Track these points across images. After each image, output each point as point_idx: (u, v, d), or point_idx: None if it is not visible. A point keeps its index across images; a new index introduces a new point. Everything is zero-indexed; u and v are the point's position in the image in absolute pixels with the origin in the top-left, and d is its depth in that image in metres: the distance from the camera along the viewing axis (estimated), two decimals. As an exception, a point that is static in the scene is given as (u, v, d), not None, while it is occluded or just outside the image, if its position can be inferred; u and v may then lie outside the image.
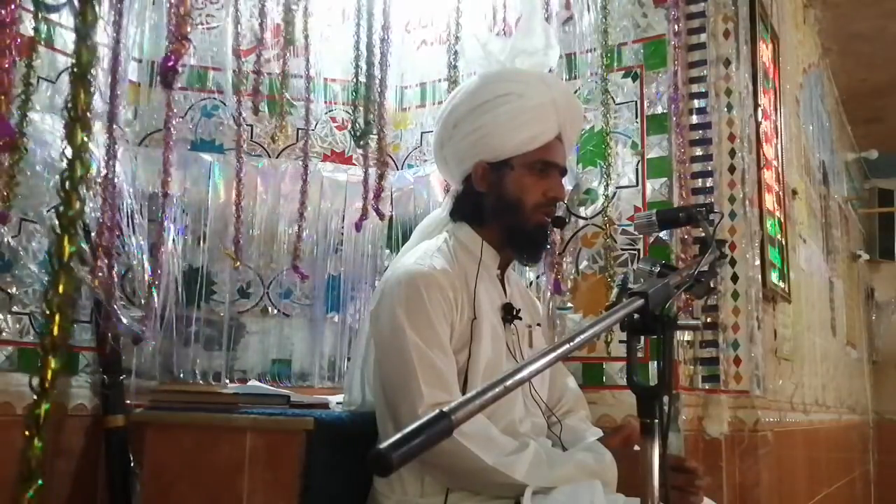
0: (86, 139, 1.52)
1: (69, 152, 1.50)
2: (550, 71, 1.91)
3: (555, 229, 2.11)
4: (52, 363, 1.45)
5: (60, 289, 1.46)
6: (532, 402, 1.70)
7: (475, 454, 1.45)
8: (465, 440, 1.43)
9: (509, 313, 1.69)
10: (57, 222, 1.49)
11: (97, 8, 1.55)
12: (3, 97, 1.55)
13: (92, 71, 1.54)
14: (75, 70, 1.52)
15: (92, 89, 1.56)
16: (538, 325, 1.85)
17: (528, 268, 2.28)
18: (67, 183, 1.48)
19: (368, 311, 1.76)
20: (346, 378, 1.94)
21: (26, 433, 1.44)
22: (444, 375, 1.52)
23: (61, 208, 1.48)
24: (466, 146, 1.70)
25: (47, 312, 1.46)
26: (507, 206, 1.68)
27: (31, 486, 1.43)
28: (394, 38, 2.48)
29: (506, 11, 2.48)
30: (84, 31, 1.52)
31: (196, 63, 2.38)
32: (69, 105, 1.51)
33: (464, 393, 1.51)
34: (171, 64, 1.75)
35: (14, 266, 1.87)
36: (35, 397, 1.47)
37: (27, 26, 1.81)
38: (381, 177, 2.40)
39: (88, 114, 1.53)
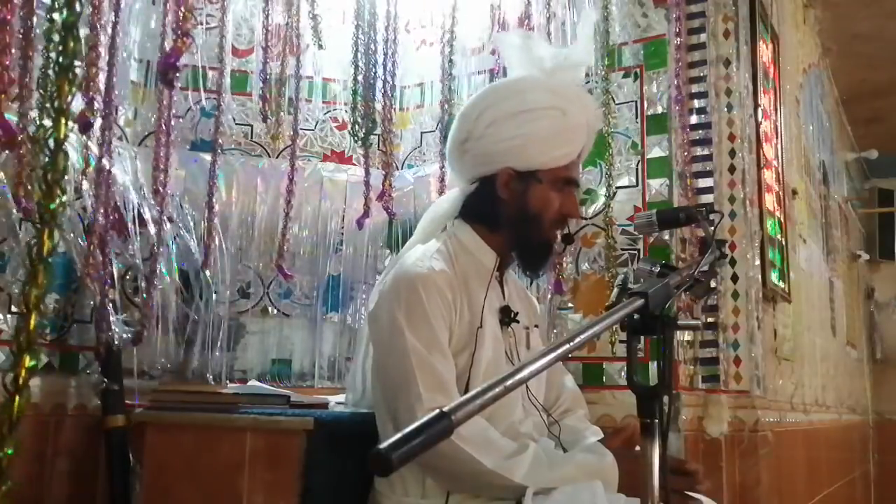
0: (68, 132, 1.51)
1: (51, 145, 1.49)
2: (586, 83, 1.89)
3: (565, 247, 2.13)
4: (27, 361, 1.44)
5: (38, 284, 1.45)
6: (529, 404, 1.70)
7: (474, 457, 1.44)
8: (463, 443, 1.43)
9: (507, 316, 1.68)
10: (38, 219, 1.48)
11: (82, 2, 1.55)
12: (2, 96, 1.55)
13: (78, 64, 1.54)
14: (60, 62, 1.51)
15: (91, 86, 1.56)
16: (536, 326, 1.84)
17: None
18: (49, 176, 1.47)
19: (367, 311, 1.76)
20: (349, 378, 1.94)
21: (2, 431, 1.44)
22: (443, 378, 1.51)
23: (42, 201, 1.47)
24: (499, 149, 1.66)
25: (24, 309, 1.45)
26: (528, 218, 1.66)
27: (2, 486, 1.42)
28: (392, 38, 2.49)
29: (503, 12, 2.48)
30: (69, 23, 1.51)
31: (196, 63, 2.38)
32: (53, 97, 1.50)
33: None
34: (172, 61, 1.74)
35: (14, 266, 1.87)
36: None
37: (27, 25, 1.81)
38: (385, 176, 2.41)
39: (72, 107, 1.53)
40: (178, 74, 1.88)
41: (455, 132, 1.76)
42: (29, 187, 1.71)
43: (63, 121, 1.50)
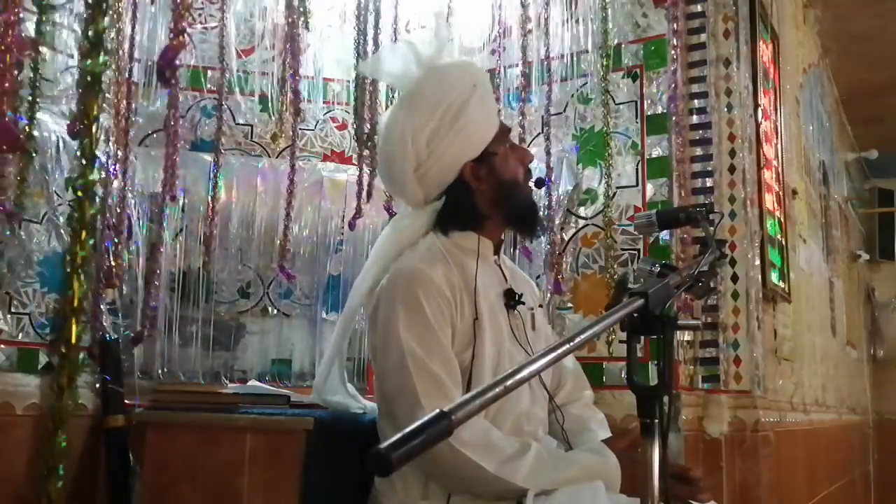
0: (95, 149, 1.53)
1: (82, 161, 1.50)
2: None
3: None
4: (71, 364, 1.47)
5: (75, 293, 1.48)
6: (539, 387, 1.69)
7: (476, 462, 1.43)
8: (464, 448, 1.41)
9: (512, 298, 1.67)
10: (68, 226, 1.50)
11: (106, 20, 1.56)
12: (5, 98, 1.55)
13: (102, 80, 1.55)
14: (87, 81, 1.52)
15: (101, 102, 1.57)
16: (540, 306, 1.84)
17: (528, 264, 2.29)
18: (80, 192, 1.49)
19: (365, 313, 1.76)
20: (321, 373, 1.88)
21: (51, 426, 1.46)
22: (443, 383, 1.49)
23: (75, 214, 1.49)
24: (453, 153, 1.65)
25: (63, 316, 1.47)
26: (508, 189, 1.67)
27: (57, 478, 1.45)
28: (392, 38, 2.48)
29: (502, 12, 2.48)
30: (95, 43, 1.52)
31: (196, 63, 2.38)
32: (81, 117, 1.51)
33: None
34: (169, 59, 1.74)
35: (14, 265, 1.87)
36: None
37: (28, 27, 1.81)
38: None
39: (95, 125, 1.54)
40: (177, 73, 1.88)
41: (400, 169, 1.68)
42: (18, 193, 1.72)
43: (91, 134, 1.51)
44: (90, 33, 1.53)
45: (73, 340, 1.49)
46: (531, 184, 1.75)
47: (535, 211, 1.75)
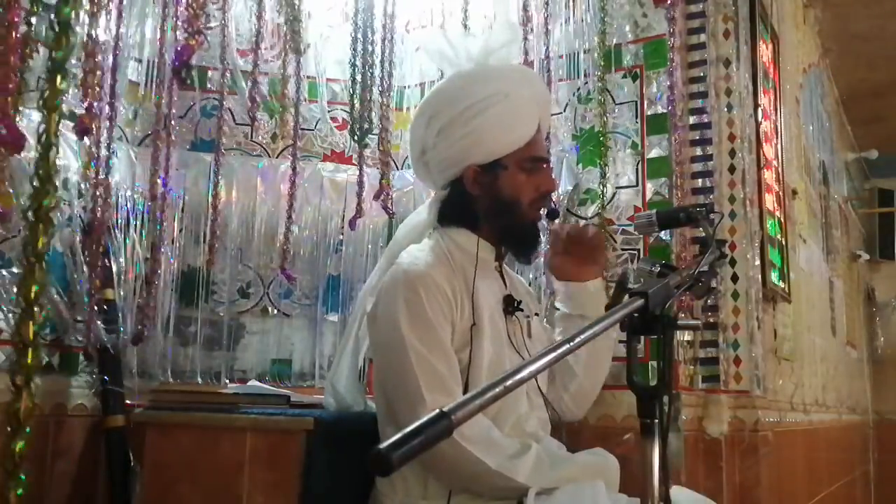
0: (57, 132, 1.50)
1: (43, 142, 1.47)
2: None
3: (552, 222, 2.16)
4: (30, 359, 1.44)
5: (34, 284, 1.45)
6: (536, 392, 1.70)
7: (478, 458, 1.44)
8: (466, 443, 1.43)
9: (510, 304, 1.68)
10: (31, 215, 1.46)
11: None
12: (9, 99, 1.53)
13: (72, 60, 1.53)
14: (53, 57, 1.49)
15: (91, 92, 1.55)
16: (536, 314, 1.85)
17: (525, 266, 2.28)
18: (41, 172, 1.46)
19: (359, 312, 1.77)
20: (329, 381, 1.91)
21: (8, 429, 1.43)
22: (445, 378, 1.51)
23: (35, 199, 1.47)
24: (456, 151, 1.67)
25: (24, 307, 1.45)
26: (505, 206, 1.67)
27: (17, 484, 1.42)
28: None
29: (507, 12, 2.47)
30: (65, 19, 1.49)
31: (196, 63, 2.38)
32: (44, 95, 1.49)
33: (465, 393, 1.51)
34: (185, 59, 1.74)
35: (13, 266, 1.86)
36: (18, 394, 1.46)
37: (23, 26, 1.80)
38: (383, 175, 2.40)
39: (63, 104, 1.51)
40: (192, 73, 1.88)
41: (411, 149, 1.78)
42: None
43: (54, 117, 1.48)
44: (59, 9, 1.50)
45: (31, 336, 1.47)
46: (543, 213, 1.74)
47: (530, 238, 1.73)
